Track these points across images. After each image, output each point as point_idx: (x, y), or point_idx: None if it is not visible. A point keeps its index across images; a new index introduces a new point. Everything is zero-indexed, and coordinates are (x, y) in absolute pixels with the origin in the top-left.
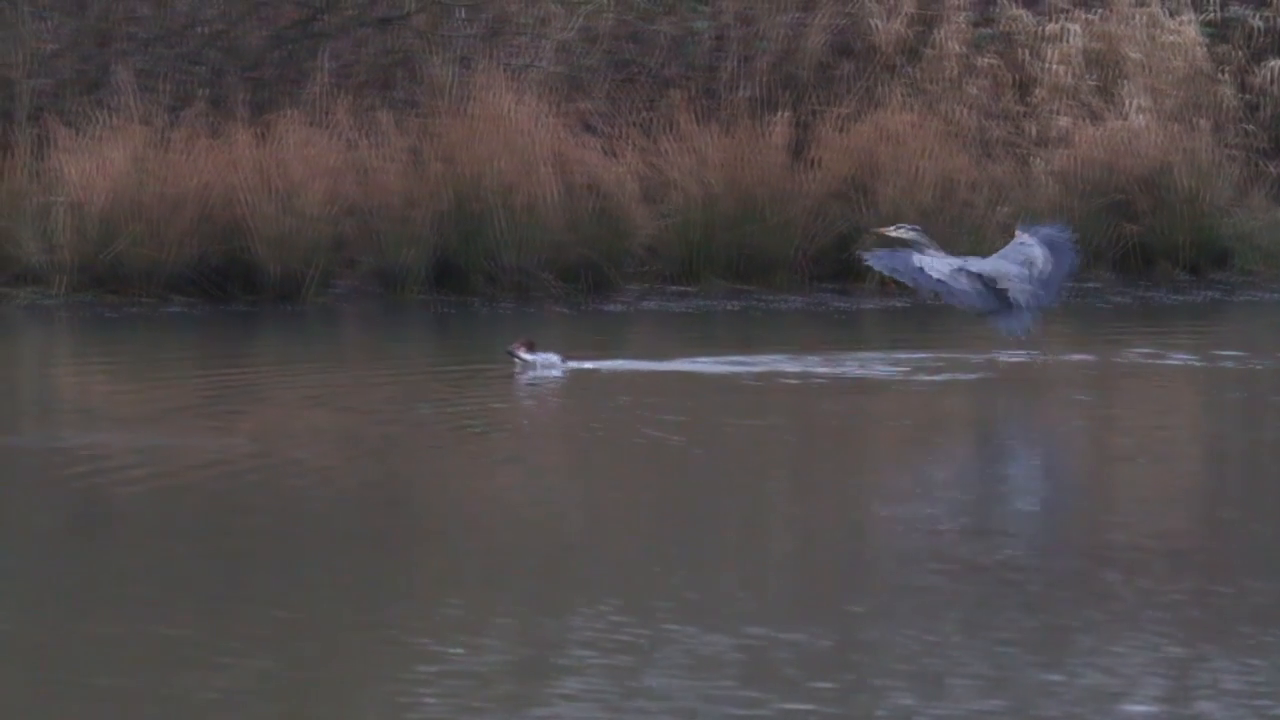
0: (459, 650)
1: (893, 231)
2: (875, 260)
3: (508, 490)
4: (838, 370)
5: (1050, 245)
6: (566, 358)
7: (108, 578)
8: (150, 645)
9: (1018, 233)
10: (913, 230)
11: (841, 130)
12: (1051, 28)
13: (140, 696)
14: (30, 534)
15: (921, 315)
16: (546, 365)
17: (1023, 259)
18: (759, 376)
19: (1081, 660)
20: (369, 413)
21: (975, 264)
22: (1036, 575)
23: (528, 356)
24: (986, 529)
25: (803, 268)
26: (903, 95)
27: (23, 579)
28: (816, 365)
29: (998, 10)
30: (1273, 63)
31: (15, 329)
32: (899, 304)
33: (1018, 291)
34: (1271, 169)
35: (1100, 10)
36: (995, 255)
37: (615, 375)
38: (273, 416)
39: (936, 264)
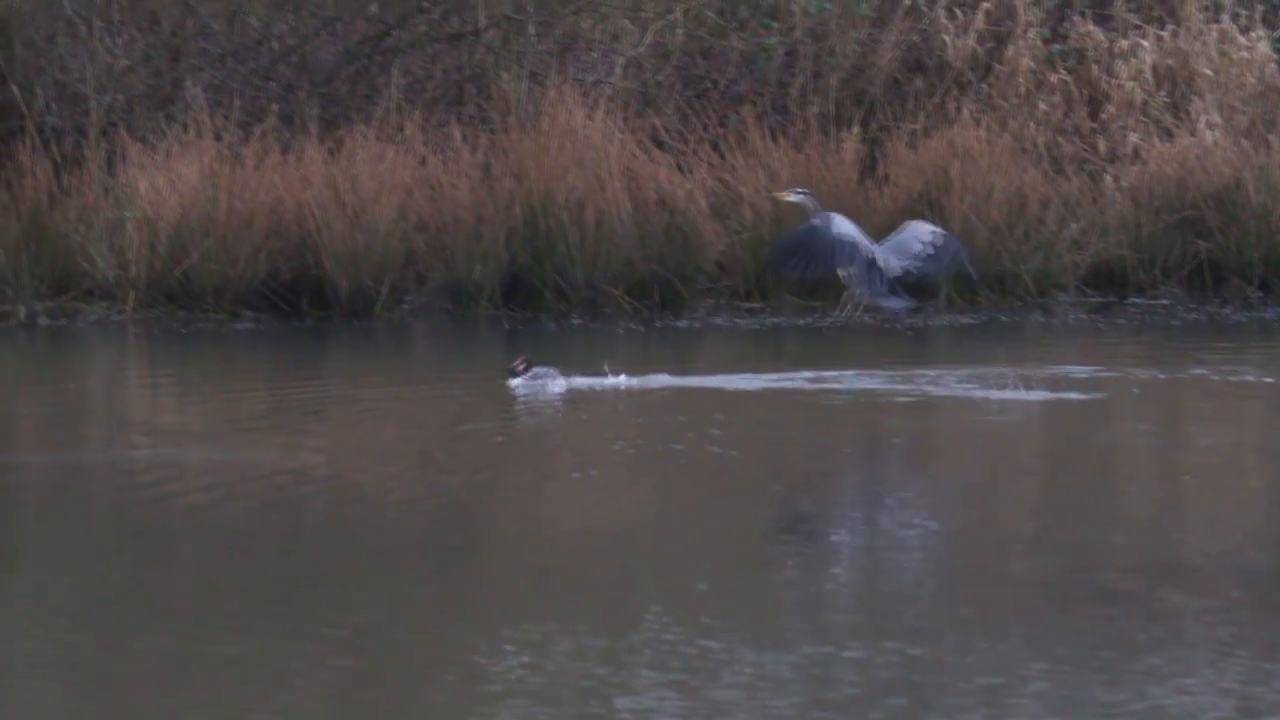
0: (520, 669)
1: (790, 197)
2: (790, 267)
3: (571, 507)
4: (895, 386)
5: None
6: (567, 373)
7: (174, 593)
8: (214, 661)
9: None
10: (807, 196)
11: (912, 146)
12: (1123, 44)
13: (202, 712)
14: (97, 548)
15: (992, 331)
16: (536, 379)
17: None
18: (811, 393)
19: (1146, 679)
20: (436, 429)
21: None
22: (1101, 593)
23: (517, 381)
24: (1050, 546)
25: None
26: (974, 111)
27: (89, 594)
28: (871, 382)
29: (1069, 26)
30: None
31: (86, 345)
32: (969, 320)
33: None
34: None
35: (1172, 26)
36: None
37: (660, 391)
38: (340, 432)
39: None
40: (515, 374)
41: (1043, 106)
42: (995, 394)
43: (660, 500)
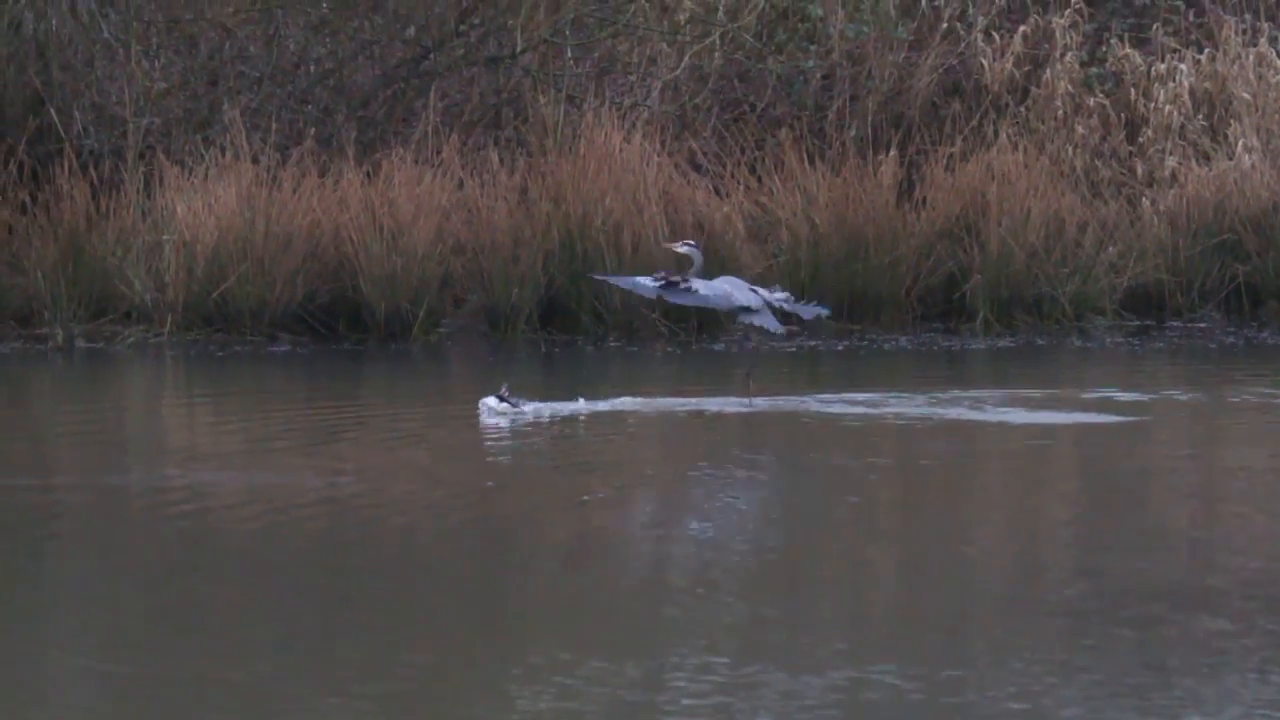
0: (553, 693)
1: (679, 248)
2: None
3: (605, 529)
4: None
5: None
6: (509, 397)
7: (212, 616)
8: (247, 684)
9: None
10: (695, 248)
11: (950, 170)
12: (1160, 67)
13: None
14: (136, 571)
15: (1029, 354)
16: (492, 410)
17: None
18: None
19: (1180, 704)
20: (473, 451)
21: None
22: (1136, 617)
23: (493, 402)
24: (1086, 570)
25: (910, 307)
26: (1011, 135)
27: (128, 617)
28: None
29: (1107, 50)
30: None
31: (124, 367)
32: (1006, 344)
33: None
34: None
35: (1210, 50)
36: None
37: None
38: (376, 456)
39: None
40: (502, 399)
41: (1080, 130)
42: (1031, 417)
43: (695, 524)
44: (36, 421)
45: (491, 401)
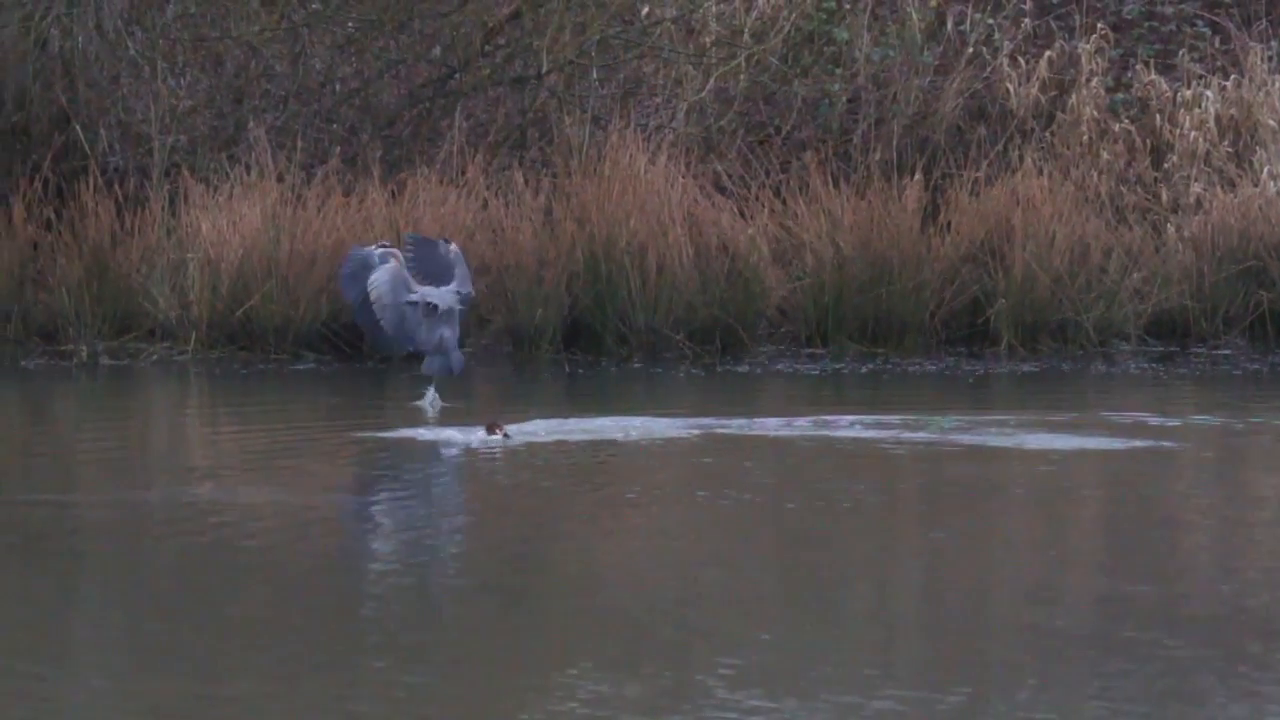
0: (569, 713)
1: (375, 249)
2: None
3: (632, 552)
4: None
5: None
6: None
7: (237, 635)
8: (279, 705)
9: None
10: (387, 250)
11: (975, 194)
12: (1186, 94)
13: None
14: (158, 589)
15: (1052, 380)
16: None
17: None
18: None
19: None
20: (497, 472)
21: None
22: (1162, 644)
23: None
24: (1108, 597)
25: (934, 331)
26: (1036, 160)
27: (151, 636)
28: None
29: (1133, 76)
30: None
31: (148, 385)
32: (1030, 369)
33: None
34: None
35: (1235, 76)
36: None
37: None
38: (400, 475)
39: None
40: (493, 433)
41: (1106, 155)
42: (1055, 443)
43: (714, 547)
44: (60, 438)
45: (483, 434)
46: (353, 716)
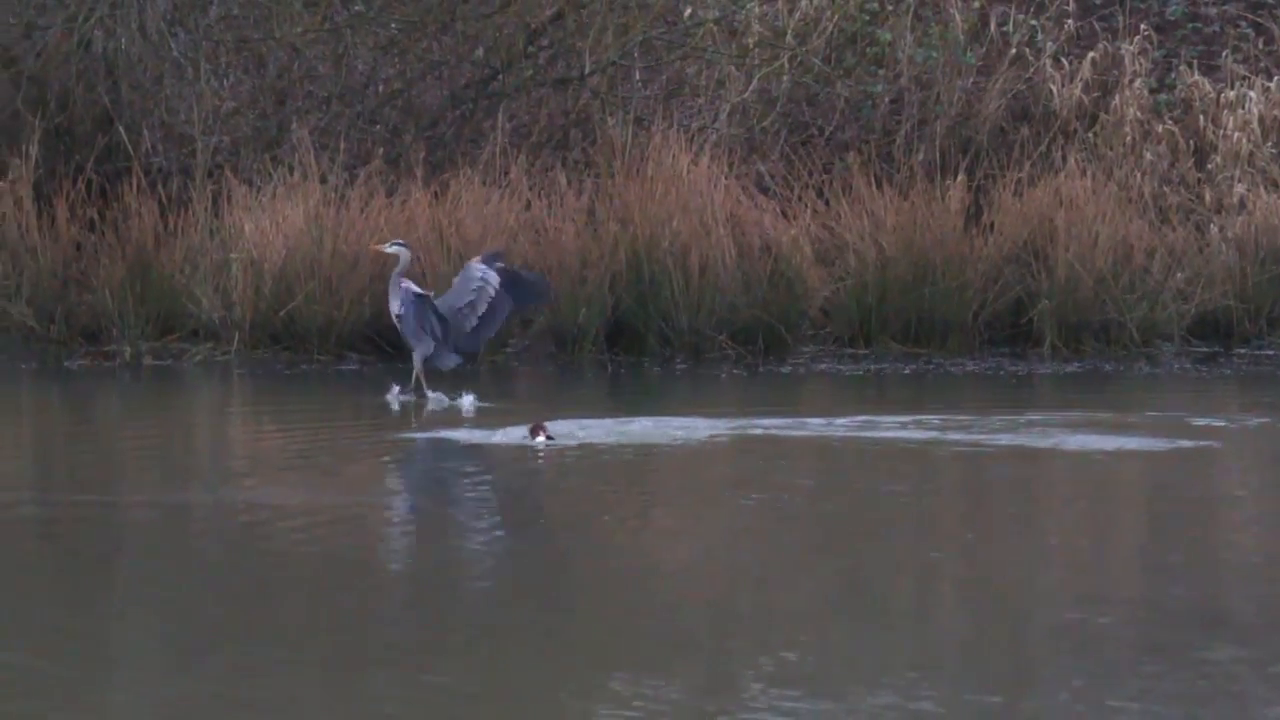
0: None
1: (387, 248)
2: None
3: (673, 552)
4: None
5: (515, 282)
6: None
7: (275, 636)
8: (315, 706)
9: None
10: (404, 247)
11: (1018, 195)
12: (1229, 94)
13: None
14: (201, 589)
15: (1095, 380)
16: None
17: (472, 294)
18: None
19: None
20: (538, 473)
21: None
22: (1203, 645)
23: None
24: (1151, 599)
25: (977, 332)
26: (1080, 160)
27: (194, 635)
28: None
29: (1176, 77)
30: None
31: (191, 385)
32: (1073, 369)
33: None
34: None
35: (1279, 77)
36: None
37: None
38: (441, 476)
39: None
40: (537, 435)
41: (1149, 156)
42: (1099, 443)
43: (755, 548)
44: (103, 438)
45: (526, 436)
46: (388, 718)
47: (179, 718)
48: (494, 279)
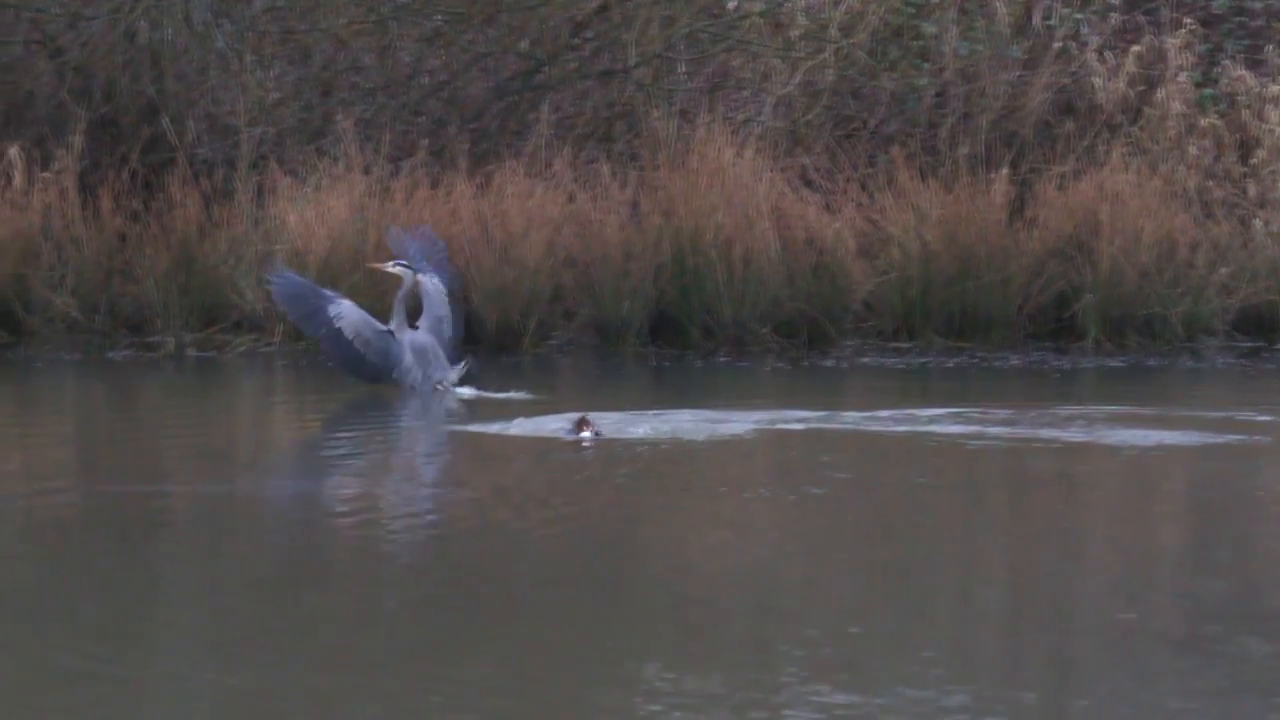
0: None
1: (390, 268)
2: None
3: (716, 545)
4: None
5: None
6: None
7: (323, 629)
8: (358, 697)
9: (421, 279)
10: (406, 268)
11: (1062, 188)
12: (1274, 89)
13: None
14: (243, 581)
15: (1139, 375)
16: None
17: (436, 319)
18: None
19: None
20: (580, 465)
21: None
22: (1243, 641)
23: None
24: (1194, 594)
25: (1020, 325)
26: (1124, 154)
27: (239, 629)
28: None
29: (1221, 71)
30: None
31: (234, 376)
32: (1117, 363)
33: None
34: None
35: None
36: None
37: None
38: (484, 466)
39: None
40: (583, 429)
41: (1193, 150)
42: (1143, 439)
43: (798, 541)
44: (147, 429)
45: (570, 428)
46: (432, 710)
47: (220, 710)
48: (441, 285)
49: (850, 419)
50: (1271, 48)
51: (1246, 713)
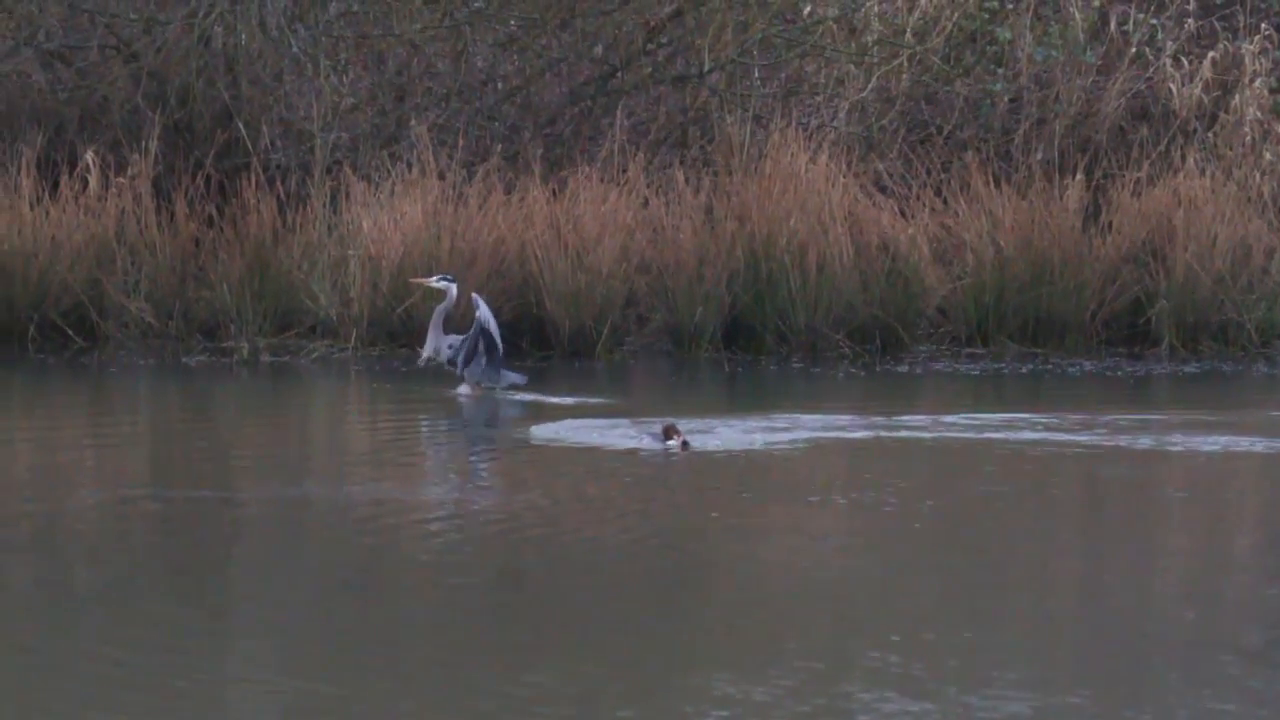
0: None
1: (434, 282)
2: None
3: (788, 550)
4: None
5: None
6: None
7: (392, 633)
8: (427, 701)
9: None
10: (451, 282)
11: (1136, 194)
12: None
13: None
14: (317, 586)
15: (1214, 381)
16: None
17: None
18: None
19: None
20: (653, 473)
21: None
22: None
23: (672, 443)
24: (1266, 602)
25: (1094, 331)
26: (1199, 160)
27: (309, 632)
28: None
29: None
30: None
31: (308, 381)
32: (1191, 369)
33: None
34: None
35: None
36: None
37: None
38: (558, 472)
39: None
40: (670, 437)
41: (1269, 156)
42: (1216, 445)
43: (869, 548)
44: (221, 434)
45: (657, 438)
46: (492, 717)
47: (291, 713)
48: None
49: (922, 425)
50: None
51: None
